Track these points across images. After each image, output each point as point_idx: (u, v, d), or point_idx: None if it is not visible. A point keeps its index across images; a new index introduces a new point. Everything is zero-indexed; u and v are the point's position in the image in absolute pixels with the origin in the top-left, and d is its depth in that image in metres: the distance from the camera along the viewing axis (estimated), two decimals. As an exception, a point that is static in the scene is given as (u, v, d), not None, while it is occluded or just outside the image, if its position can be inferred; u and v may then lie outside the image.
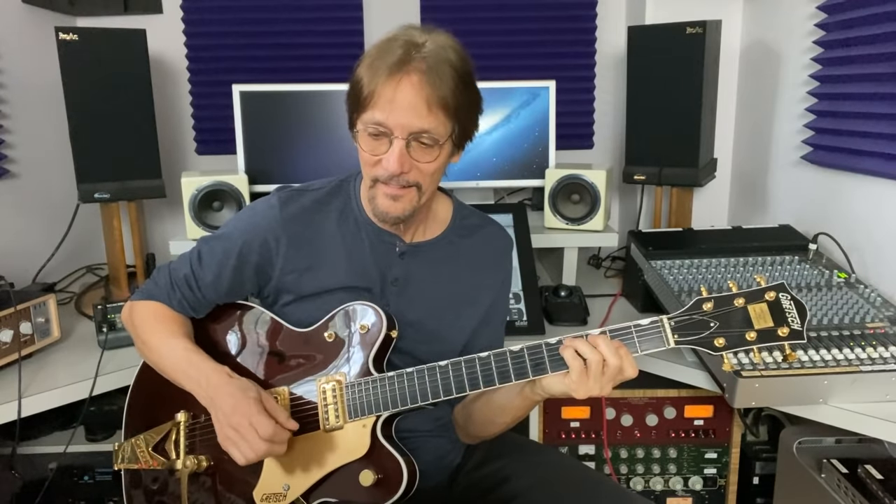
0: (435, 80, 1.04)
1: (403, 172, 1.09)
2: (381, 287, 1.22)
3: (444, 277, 1.25)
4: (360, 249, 1.22)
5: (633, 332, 1.04)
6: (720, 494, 1.74)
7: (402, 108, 1.04)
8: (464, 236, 1.28)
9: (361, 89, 1.07)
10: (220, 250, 1.23)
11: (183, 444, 1.19)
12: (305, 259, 1.21)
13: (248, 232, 1.22)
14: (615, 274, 2.18)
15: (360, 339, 1.16)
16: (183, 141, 2.39)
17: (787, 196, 2.00)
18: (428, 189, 1.14)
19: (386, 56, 1.05)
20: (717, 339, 1.00)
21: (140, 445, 1.24)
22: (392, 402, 1.11)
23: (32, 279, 1.97)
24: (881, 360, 1.31)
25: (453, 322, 1.25)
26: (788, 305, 0.99)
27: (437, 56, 1.05)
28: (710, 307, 1.01)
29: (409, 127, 1.05)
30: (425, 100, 1.04)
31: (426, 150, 1.08)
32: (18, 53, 1.98)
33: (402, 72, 1.04)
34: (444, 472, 1.30)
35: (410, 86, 1.04)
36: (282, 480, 1.14)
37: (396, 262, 1.23)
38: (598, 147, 2.48)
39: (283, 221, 1.21)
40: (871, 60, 1.61)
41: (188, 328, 1.24)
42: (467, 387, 1.08)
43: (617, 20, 2.37)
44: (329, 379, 1.15)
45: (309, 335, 1.20)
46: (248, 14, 2.30)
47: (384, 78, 1.04)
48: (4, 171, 1.92)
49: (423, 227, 1.26)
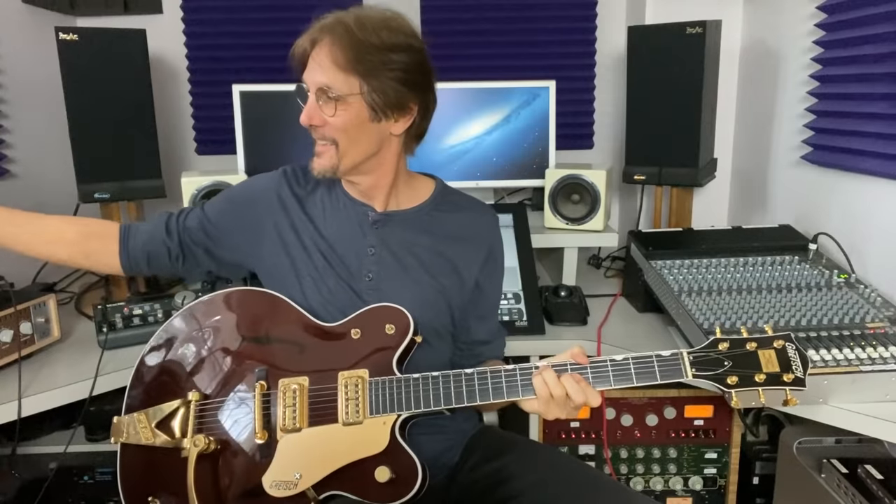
0: (336, 39, 1.16)
1: (313, 125, 1.20)
2: (358, 254, 1.27)
3: (421, 246, 1.29)
4: (340, 217, 1.30)
5: (654, 361, 1.09)
6: (720, 494, 1.74)
7: (312, 66, 1.19)
8: (444, 211, 1.34)
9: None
10: (224, 196, 1.37)
11: (192, 422, 1.19)
12: (296, 219, 1.30)
13: (252, 190, 1.35)
14: (615, 274, 2.19)
15: (387, 340, 1.19)
16: (183, 141, 2.39)
17: (787, 196, 2.00)
18: (347, 149, 1.21)
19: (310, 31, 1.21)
20: (730, 377, 1.08)
21: (142, 421, 1.22)
22: (415, 402, 1.14)
23: (32, 279, 1.97)
24: (881, 360, 1.31)
25: (433, 289, 1.28)
26: (793, 355, 1.08)
27: (341, 20, 1.18)
28: (725, 347, 1.09)
29: (314, 82, 1.18)
30: (326, 57, 1.17)
31: (329, 103, 1.18)
32: (18, 53, 1.98)
33: (317, 36, 1.19)
34: (441, 470, 1.30)
35: (320, 47, 1.18)
36: (294, 469, 1.13)
37: (371, 231, 1.29)
38: (598, 147, 2.48)
39: (286, 182, 1.33)
40: (871, 60, 1.61)
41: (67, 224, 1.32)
42: (491, 395, 1.12)
43: (617, 20, 2.37)
44: (352, 374, 1.16)
45: (336, 330, 1.22)
46: (248, 14, 2.30)
47: (306, 42, 1.20)
48: (4, 171, 1.92)
49: (397, 198, 1.31)
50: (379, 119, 1.20)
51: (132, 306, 1.64)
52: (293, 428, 1.15)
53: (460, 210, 1.35)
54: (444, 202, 1.34)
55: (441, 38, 2.36)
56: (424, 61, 1.22)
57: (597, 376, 1.10)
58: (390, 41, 1.16)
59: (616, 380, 1.09)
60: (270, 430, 1.16)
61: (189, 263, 1.34)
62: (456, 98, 2.06)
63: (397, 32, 1.18)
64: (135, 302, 1.65)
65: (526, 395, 1.12)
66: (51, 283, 2.01)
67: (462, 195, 1.38)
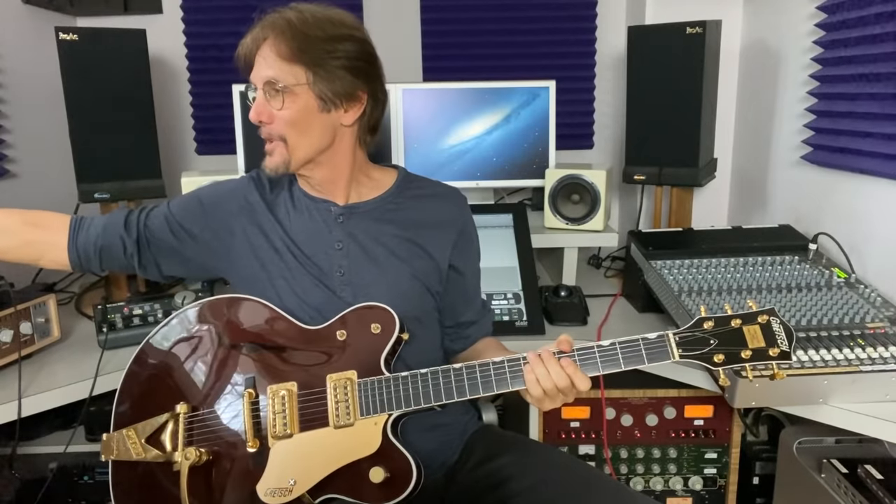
0: (278, 34, 1.17)
1: (262, 122, 1.20)
2: (326, 251, 1.26)
3: (388, 235, 1.29)
4: (303, 217, 1.29)
5: (640, 344, 1.09)
6: (720, 494, 1.74)
7: (258, 62, 1.20)
8: (409, 198, 1.33)
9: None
10: (191, 196, 1.35)
11: (182, 435, 1.18)
12: (268, 221, 1.29)
13: (221, 192, 1.34)
14: (615, 274, 2.18)
15: (373, 340, 1.18)
16: (183, 141, 2.39)
17: (787, 196, 2.00)
18: (297, 143, 1.20)
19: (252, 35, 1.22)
20: (716, 356, 1.08)
21: (132, 437, 1.21)
22: (405, 401, 1.13)
23: (32, 279, 1.97)
24: (881, 360, 1.31)
25: (408, 274, 1.28)
26: (778, 329, 1.08)
27: (282, 15, 1.19)
28: (710, 326, 1.09)
29: (261, 77, 1.19)
30: (271, 51, 1.18)
31: (276, 96, 1.18)
32: (18, 53, 1.98)
33: (260, 34, 1.20)
34: (439, 469, 1.30)
35: (265, 44, 1.19)
36: (288, 475, 1.13)
37: (336, 226, 1.28)
38: (598, 147, 2.49)
39: (254, 185, 1.33)
40: (871, 60, 1.61)
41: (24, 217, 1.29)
42: (481, 389, 1.12)
43: (617, 20, 2.37)
44: (341, 376, 1.16)
45: (320, 333, 1.21)
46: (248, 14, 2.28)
47: (249, 42, 1.21)
48: (4, 171, 1.92)
49: (358, 190, 1.31)
50: (328, 109, 1.20)
51: (132, 306, 1.64)
52: (284, 434, 1.14)
53: (425, 196, 1.34)
54: (407, 189, 1.34)
55: (441, 38, 2.38)
56: (370, 50, 1.23)
57: (585, 362, 1.09)
58: (333, 32, 1.18)
59: (604, 365, 1.09)
60: (262, 437, 1.16)
61: (145, 260, 1.31)
62: (456, 98, 2.06)
63: (339, 25, 1.19)
64: (135, 302, 1.65)
65: (516, 387, 1.12)
66: (51, 283, 2.01)
67: (427, 181, 1.38)
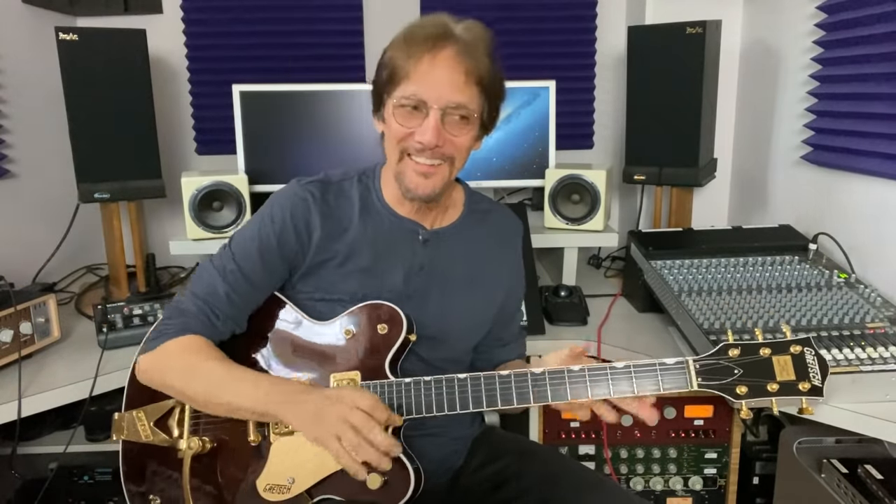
0: (473, 53, 1.08)
1: (438, 146, 1.09)
2: (407, 274, 1.21)
3: (465, 262, 1.26)
4: (384, 238, 1.21)
5: (657, 370, 1.04)
6: (720, 494, 1.74)
7: (438, 80, 1.06)
8: (478, 221, 1.30)
9: (395, 65, 1.09)
10: (256, 239, 1.18)
11: (188, 422, 1.19)
12: (335, 247, 1.19)
13: (283, 221, 1.18)
14: (615, 274, 2.18)
15: (379, 340, 1.16)
16: (183, 141, 2.39)
17: (787, 196, 2.00)
18: (458, 166, 1.16)
19: (421, 32, 1.08)
20: (739, 387, 1.00)
21: (141, 419, 1.22)
22: (406, 409, 1.11)
23: (32, 279, 1.97)
24: (881, 360, 1.31)
25: (484, 303, 1.27)
26: (812, 361, 1.00)
27: (474, 33, 1.09)
28: (735, 354, 1.02)
29: (445, 98, 1.07)
30: (463, 73, 1.07)
31: (460, 123, 1.10)
32: (18, 53, 1.98)
33: (439, 46, 1.07)
34: (446, 473, 1.29)
35: (448, 58, 1.07)
36: (287, 473, 1.13)
37: (420, 250, 1.23)
38: (598, 147, 2.48)
39: (315, 210, 1.18)
40: (871, 60, 1.61)
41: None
42: (484, 403, 1.09)
43: (617, 20, 2.37)
44: (344, 377, 1.15)
45: (326, 330, 1.19)
46: (248, 14, 2.30)
47: (421, 51, 1.06)
48: (4, 171, 1.92)
49: (442, 214, 1.26)
50: (480, 139, 1.18)
51: (132, 306, 1.64)
52: (286, 431, 1.14)
53: (490, 219, 1.32)
54: (475, 210, 1.31)
55: (441, 38, 2.37)
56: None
57: (595, 383, 1.06)
58: (499, 62, 1.13)
59: (615, 386, 1.05)
60: (263, 432, 1.16)
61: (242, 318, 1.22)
62: (456, 98, 2.06)
63: (496, 45, 1.13)
64: (135, 302, 1.65)
65: (521, 404, 1.08)
66: (51, 283, 2.01)
67: (485, 199, 1.35)
